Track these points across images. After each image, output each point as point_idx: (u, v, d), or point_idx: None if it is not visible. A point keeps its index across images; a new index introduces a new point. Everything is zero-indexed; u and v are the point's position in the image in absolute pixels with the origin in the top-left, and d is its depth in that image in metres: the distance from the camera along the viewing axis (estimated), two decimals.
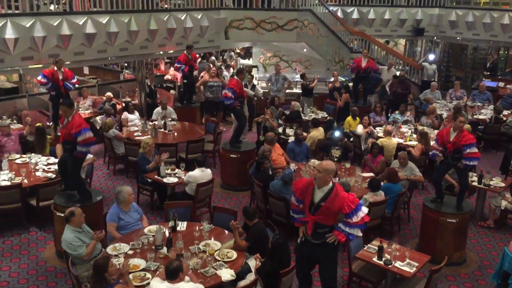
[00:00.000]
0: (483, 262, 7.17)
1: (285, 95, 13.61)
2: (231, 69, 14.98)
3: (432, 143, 9.77)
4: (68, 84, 9.71)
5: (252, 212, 6.07)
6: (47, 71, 9.50)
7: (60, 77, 9.55)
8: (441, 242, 6.84)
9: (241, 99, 9.28)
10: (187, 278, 5.04)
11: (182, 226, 6.35)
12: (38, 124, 9.44)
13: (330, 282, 5.59)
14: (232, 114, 9.98)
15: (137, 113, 11.46)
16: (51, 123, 10.17)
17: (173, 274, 4.79)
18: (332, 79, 13.38)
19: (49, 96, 10.23)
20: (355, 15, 16.29)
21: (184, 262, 5.22)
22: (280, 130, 10.55)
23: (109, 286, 4.78)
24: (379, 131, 10.50)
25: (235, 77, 9.70)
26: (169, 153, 8.70)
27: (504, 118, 11.95)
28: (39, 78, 9.50)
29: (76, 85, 10.32)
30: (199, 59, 15.65)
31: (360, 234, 5.38)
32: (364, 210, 5.23)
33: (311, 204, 5.23)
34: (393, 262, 5.73)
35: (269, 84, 13.53)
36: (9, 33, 9.38)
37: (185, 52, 11.77)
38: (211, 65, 13.16)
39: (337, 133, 9.90)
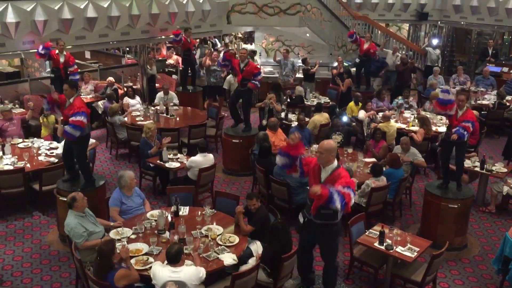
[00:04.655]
0: (484, 247, 7.20)
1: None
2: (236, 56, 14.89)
3: (434, 128, 9.81)
4: (73, 77, 9.69)
5: (255, 195, 6.10)
6: (50, 46, 9.46)
7: (62, 60, 9.50)
8: (443, 227, 6.86)
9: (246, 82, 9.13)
10: (188, 261, 5.08)
11: (184, 211, 6.38)
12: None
13: (331, 258, 5.57)
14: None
15: (138, 98, 11.44)
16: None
17: (175, 258, 4.82)
18: (335, 64, 13.30)
19: (50, 80, 10.20)
20: None
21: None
22: (283, 115, 10.53)
23: (112, 270, 4.81)
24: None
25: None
26: (171, 138, 8.69)
27: (508, 104, 11.90)
28: (40, 48, 9.43)
29: (77, 74, 10.25)
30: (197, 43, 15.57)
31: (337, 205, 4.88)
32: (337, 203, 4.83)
33: None
34: (395, 247, 5.75)
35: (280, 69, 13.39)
36: (10, 17, 9.35)
37: (183, 34, 11.66)
38: (212, 50, 13.10)
39: (344, 118, 9.88)
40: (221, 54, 13.53)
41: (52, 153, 8.25)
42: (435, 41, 16.06)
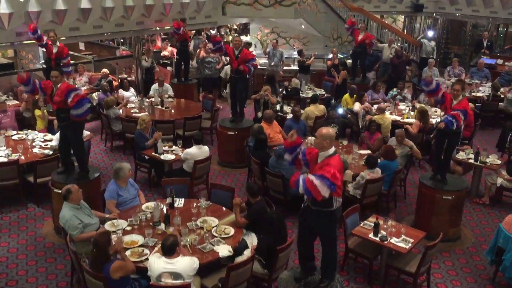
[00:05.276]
0: (477, 239, 7.25)
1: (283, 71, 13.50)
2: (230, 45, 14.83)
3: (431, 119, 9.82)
4: (66, 70, 9.59)
5: (255, 190, 6.06)
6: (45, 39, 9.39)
7: (54, 50, 9.43)
8: (437, 218, 6.90)
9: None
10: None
11: (179, 202, 6.39)
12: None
13: (329, 249, 5.54)
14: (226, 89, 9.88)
15: (132, 90, 11.39)
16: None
17: (170, 250, 4.83)
18: (330, 56, 13.28)
19: (42, 71, 10.13)
20: None
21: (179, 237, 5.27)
22: (278, 107, 10.52)
23: (108, 262, 4.82)
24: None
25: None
26: (162, 133, 8.60)
27: (502, 96, 11.93)
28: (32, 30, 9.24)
29: (70, 67, 10.14)
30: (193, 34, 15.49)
31: (300, 189, 5.04)
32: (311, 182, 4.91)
33: None
34: (389, 238, 5.79)
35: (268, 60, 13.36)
36: (3, 8, 9.25)
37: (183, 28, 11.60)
38: (207, 41, 13.03)
39: (340, 110, 9.88)
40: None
41: (47, 145, 8.22)
42: (430, 33, 16.06)
